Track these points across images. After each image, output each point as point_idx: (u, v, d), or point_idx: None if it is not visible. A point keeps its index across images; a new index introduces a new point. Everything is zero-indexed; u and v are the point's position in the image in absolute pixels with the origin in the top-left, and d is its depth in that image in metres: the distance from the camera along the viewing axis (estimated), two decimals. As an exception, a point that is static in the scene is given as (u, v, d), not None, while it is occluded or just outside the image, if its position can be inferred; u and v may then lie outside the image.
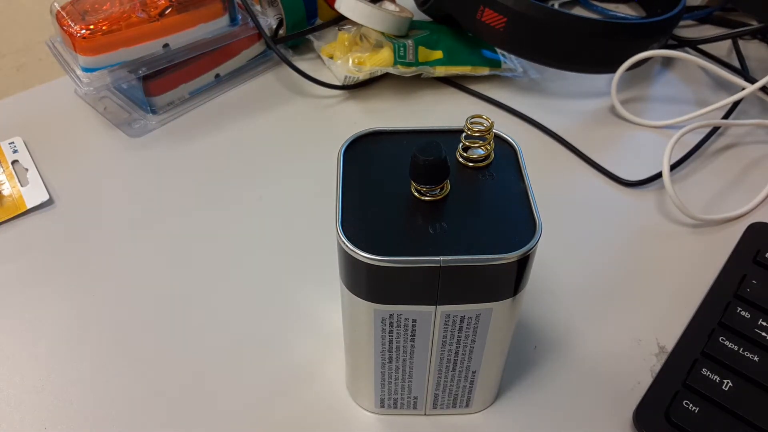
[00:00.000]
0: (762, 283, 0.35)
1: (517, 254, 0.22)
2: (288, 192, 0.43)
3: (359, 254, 0.22)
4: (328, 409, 0.31)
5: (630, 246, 0.39)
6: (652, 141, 0.47)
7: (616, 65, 0.49)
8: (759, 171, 0.45)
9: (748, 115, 0.50)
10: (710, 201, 0.42)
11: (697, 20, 0.62)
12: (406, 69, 0.49)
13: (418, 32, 0.52)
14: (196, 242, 0.39)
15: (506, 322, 0.26)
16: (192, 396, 0.31)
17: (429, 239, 0.23)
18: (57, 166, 0.45)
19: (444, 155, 0.23)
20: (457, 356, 0.27)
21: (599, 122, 0.49)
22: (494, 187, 0.25)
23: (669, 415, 0.29)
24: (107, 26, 0.42)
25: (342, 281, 0.25)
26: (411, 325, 0.25)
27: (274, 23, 0.53)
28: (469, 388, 0.29)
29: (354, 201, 0.25)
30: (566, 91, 0.52)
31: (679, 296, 0.36)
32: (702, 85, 0.53)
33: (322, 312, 0.35)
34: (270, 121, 0.48)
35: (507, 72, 0.53)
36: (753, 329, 0.32)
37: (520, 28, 0.47)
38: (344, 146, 0.27)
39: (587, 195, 0.43)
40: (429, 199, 0.24)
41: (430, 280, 0.23)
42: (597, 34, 0.47)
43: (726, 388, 0.30)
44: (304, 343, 0.34)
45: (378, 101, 0.51)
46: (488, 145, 0.26)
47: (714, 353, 0.31)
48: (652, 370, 0.32)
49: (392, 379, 0.28)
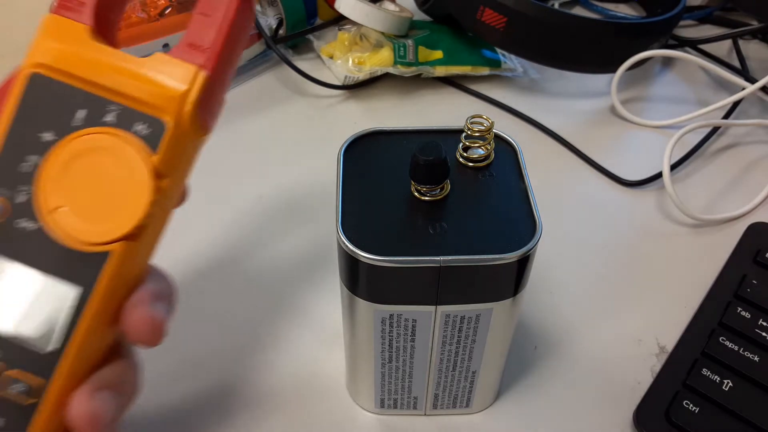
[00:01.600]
0: (762, 283, 0.35)
1: (517, 254, 0.22)
2: (288, 191, 0.43)
3: (359, 254, 0.22)
4: (328, 409, 0.31)
5: (630, 246, 0.39)
6: (652, 141, 0.47)
7: (616, 65, 0.49)
8: (759, 171, 0.45)
9: (748, 115, 0.50)
10: (710, 201, 0.42)
11: (697, 20, 0.62)
12: (406, 69, 0.49)
13: (418, 32, 0.52)
14: (196, 241, 0.39)
15: (506, 322, 0.26)
16: (191, 396, 0.31)
17: (429, 239, 0.23)
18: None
19: (444, 155, 0.23)
20: (457, 356, 0.27)
21: (599, 122, 0.49)
22: (494, 187, 0.25)
23: (669, 415, 0.29)
24: (107, 26, 0.42)
25: (342, 281, 0.25)
26: (411, 325, 0.25)
27: (274, 23, 0.53)
28: (469, 388, 0.29)
29: (354, 201, 0.25)
30: (566, 91, 0.52)
31: (679, 296, 0.36)
32: (702, 85, 0.53)
33: (322, 312, 0.35)
34: (270, 120, 0.48)
35: (507, 72, 0.53)
36: (753, 329, 0.32)
37: (520, 28, 0.47)
38: (344, 146, 0.27)
39: (587, 195, 0.43)
40: (429, 199, 0.24)
41: (430, 280, 0.23)
42: (597, 34, 0.47)
43: (726, 388, 0.30)
44: (304, 343, 0.34)
45: (378, 101, 0.51)
46: (488, 145, 0.26)
47: (714, 353, 0.31)
48: (652, 370, 0.32)
49: (392, 379, 0.28)
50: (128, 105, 0.22)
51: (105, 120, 0.22)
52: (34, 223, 0.22)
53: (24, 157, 0.22)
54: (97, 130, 0.22)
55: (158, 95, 0.22)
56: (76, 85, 0.22)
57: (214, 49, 0.22)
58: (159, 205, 0.22)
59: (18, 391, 0.21)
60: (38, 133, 0.22)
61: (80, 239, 0.22)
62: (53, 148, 0.22)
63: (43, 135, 0.22)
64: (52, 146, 0.22)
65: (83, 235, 0.22)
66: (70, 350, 0.22)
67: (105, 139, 0.22)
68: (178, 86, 0.22)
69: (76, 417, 0.21)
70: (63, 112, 0.22)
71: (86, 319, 0.22)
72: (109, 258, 0.22)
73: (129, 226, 0.22)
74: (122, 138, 0.22)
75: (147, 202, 0.22)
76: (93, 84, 0.22)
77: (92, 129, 0.22)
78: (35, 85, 0.22)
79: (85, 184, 0.22)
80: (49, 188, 0.22)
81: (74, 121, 0.22)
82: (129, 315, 0.22)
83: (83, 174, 0.22)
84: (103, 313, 0.22)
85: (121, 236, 0.22)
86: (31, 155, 0.22)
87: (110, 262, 0.22)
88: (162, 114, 0.22)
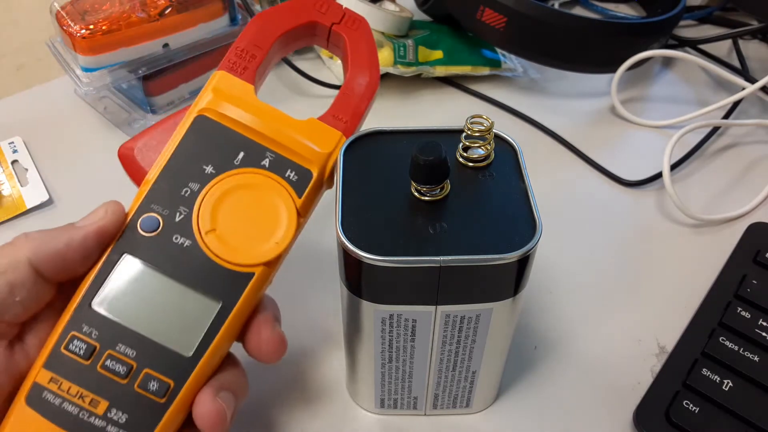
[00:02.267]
0: (762, 283, 0.35)
1: (517, 254, 0.22)
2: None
3: (359, 254, 0.22)
4: (328, 409, 0.31)
5: (630, 246, 0.39)
6: (652, 141, 0.47)
7: (616, 65, 0.49)
8: (759, 171, 0.45)
9: (748, 115, 0.50)
10: (710, 201, 0.42)
11: (697, 20, 0.62)
12: (406, 69, 0.49)
13: (418, 32, 0.52)
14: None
15: (506, 322, 0.26)
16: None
17: (429, 239, 0.23)
18: (57, 166, 0.44)
19: (444, 155, 0.23)
20: (457, 356, 0.27)
21: (599, 122, 0.49)
22: (494, 187, 0.25)
23: (669, 415, 0.29)
24: (107, 26, 0.42)
25: (342, 281, 0.25)
26: (411, 325, 0.25)
27: (274, 23, 0.53)
28: (469, 388, 0.29)
29: (354, 201, 0.25)
30: (566, 91, 0.52)
31: (679, 296, 0.36)
32: (702, 85, 0.53)
33: (322, 312, 0.35)
34: (270, 121, 0.48)
35: (507, 72, 0.53)
36: (753, 329, 0.32)
37: (520, 28, 0.47)
38: (344, 146, 0.27)
39: (587, 195, 0.43)
40: (429, 199, 0.24)
41: (430, 280, 0.23)
42: (597, 34, 0.47)
43: (726, 388, 0.30)
44: (304, 343, 0.34)
45: (378, 101, 0.50)
46: (488, 145, 0.26)
47: (714, 353, 0.31)
48: (652, 370, 0.32)
49: (392, 379, 0.28)
50: (282, 154, 0.27)
51: (262, 163, 0.26)
52: (189, 240, 0.25)
53: (187, 183, 0.26)
54: (254, 171, 0.26)
55: (309, 150, 0.27)
56: (239, 130, 0.27)
57: (353, 123, 0.28)
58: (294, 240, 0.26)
59: (155, 389, 0.24)
60: (202, 165, 0.26)
61: (230, 260, 0.25)
62: (214, 180, 0.26)
63: (205, 168, 0.26)
64: (212, 178, 0.26)
65: (233, 257, 0.25)
66: (205, 357, 0.24)
67: (261, 179, 0.26)
68: (326, 146, 0.27)
69: (206, 414, 0.24)
70: (225, 151, 0.26)
71: (224, 331, 0.24)
72: (253, 279, 0.25)
73: (275, 252, 0.25)
74: (275, 180, 0.26)
75: (292, 235, 0.26)
76: (253, 131, 0.27)
77: (250, 169, 0.26)
78: (201, 125, 0.27)
79: (238, 213, 0.26)
80: (208, 213, 0.25)
81: (235, 159, 0.26)
82: (258, 333, 0.25)
83: (237, 205, 0.26)
84: (236, 326, 0.25)
85: (266, 261, 0.25)
86: (193, 183, 0.26)
87: (253, 283, 0.25)
88: (310, 165, 0.27)
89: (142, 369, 0.24)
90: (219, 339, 0.24)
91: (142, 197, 0.26)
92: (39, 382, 0.23)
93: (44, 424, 0.23)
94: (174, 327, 0.24)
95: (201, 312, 0.25)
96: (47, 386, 0.23)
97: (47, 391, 0.23)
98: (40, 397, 0.23)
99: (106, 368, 0.23)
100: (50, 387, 0.23)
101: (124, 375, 0.23)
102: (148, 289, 0.25)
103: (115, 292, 0.24)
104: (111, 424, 0.23)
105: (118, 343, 0.24)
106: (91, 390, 0.23)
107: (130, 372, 0.24)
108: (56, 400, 0.23)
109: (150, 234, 0.25)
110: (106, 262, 0.25)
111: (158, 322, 0.24)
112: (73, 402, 0.23)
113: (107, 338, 0.24)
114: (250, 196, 0.26)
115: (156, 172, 0.26)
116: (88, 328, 0.24)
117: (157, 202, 0.25)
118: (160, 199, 0.25)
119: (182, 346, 0.24)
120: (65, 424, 0.23)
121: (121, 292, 0.24)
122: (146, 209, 0.25)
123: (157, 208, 0.25)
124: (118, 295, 0.24)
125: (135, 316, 0.24)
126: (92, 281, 0.24)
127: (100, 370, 0.23)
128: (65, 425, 0.23)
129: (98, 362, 0.24)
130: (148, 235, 0.25)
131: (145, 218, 0.25)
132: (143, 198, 0.25)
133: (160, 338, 0.24)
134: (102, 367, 0.23)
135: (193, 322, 0.24)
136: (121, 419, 0.23)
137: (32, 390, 0.23)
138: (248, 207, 0.26)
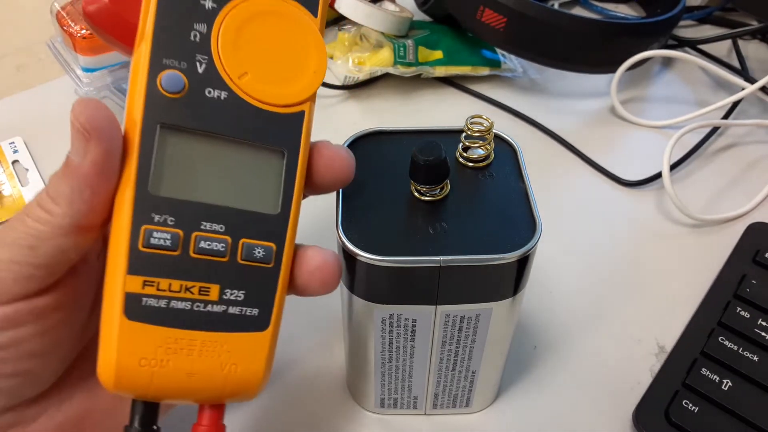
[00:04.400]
0: (762, 283, 0.35)
1: (517, 254, 0.22)
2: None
3: (359, 254, 0.22)
4: (328, 409, 0.31)
5: (630, 246, 0.39)
6: (652, 141, 0.47)
7: (616, 65, 0.49)
8: (759, 171, 0.45)
9: (748, 115, 0.50)
10: (710, 201, 0.42)
11: (697, 20, 0.62)
12: (406, 69, 0.49)
13: (418, 32, 0.52)
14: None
15: (506, 322, 0.26)
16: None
17: (429, 239, 0.23)
18: (57, 166, 0.44)
19: (444, 155, 0.23)
20: (457, 356, 0.27)
21: (599, 122, 0.49)
22: (494, 187, 0.25)
23: (669, 415, 0.29)
24: (107, 26, 0.42)
25: (342, 281, 0.25)
26: (411, 325, 0.25)
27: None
28: (469, 388, 0.29)
29: (354, 201, 0.25)
30: (566, 91, 0.52)
31: (679, 296, 0.36)
32: (702, 85, 0.53)
33: (322, 312, 0.35)
34: (270, 121, 0.48)
35: (507, 72, 0.53)
36: (752, 329, 0.32)
37: (520, 28, 0.47)
38: (344, 146, 0.27)
39: (587, 195, 0.43)
40: (429, 199, 0.24)
41: (430, 280, 0.23)
42: (597, 34, 0.47)
43: (725, 388, 0.30)
44: (304, 342, 0.34)
45: (378, 101, 0.51)
46: (488, 145, 0.26)
47: (713, 353, 0.31)
48: (651, 370, 0.32)
49: (392, 379, 0.28)
50: None
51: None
52: (224, 91, 0.21)
53: (191, 24, 0.21)
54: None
55: None
56: None
57: None
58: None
59: (261, 256, 0.22)
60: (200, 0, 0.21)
61: (276, 102, 0.22)
62: (221, 14, 0.22)
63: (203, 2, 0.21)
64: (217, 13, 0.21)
65: (278, 98, 0.22)
66: (293, 210, 0.22)
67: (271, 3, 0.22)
68: None
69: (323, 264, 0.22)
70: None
71: (299, 179, 0.22)
72: (305, 117, 0.22)
73: (317, 83, 0.22)
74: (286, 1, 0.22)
75: (325, 60, 0.23)
76: None
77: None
78: None
79: (262, 48, 0.22)
80: (231, 55, 0.21)
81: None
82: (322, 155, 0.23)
83: (257, 38, 0.22)
84: (304, 173, 0.23)
85: (311, 94, 0.22)
86: (198, 23, 0.21)
87: (306, 121, 0.22)
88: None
89: (239, 240, 0.21)
90: (297, 189, 0.22)
91: (148, 54, 0.21)
92: (132, 291, 0.20)
93: (159, 332, 0.20)
94: (250, 188, 0.22)
95: (269, 166, 0.22)
96: (143, 292, 0.20)
97: (146, 297, 0.20)
98: (141, 305, 0.20)
99: (201, 251, 0.21)
100: (147, 291, 0.20)
101: (223, 253, 0.21)
102: (204, 156, 0.21)
103: (169, 170, 0.21)
104: (231, 305, 0.21)
105: (201, 222, 0.21)
106: (195, 279, 0.21)
107: (227, 247, 0.21)
108: (161, 302, 0.20)
109: (177, 95, 0.21)
110: (143, 143, 0.21)
111: (231, 188, 0.22)
112: (181, 297, 0.20)
113: (187, 220, 0.21)
114: (266, 25, 0.22)
115: (150, 20, 0.21)
116: (160, 217, 0.20)
117: (168, 55, 0.21)
118: (169, 51, 0.21)
119: (267, 206, 0.22)
120: (183, 323, 0.20)
121: (176, 168, 0.21)
122: (160, 66, 0.21)
123: (172, 63, 0.21)
124: (175, 172, 0.21)
125: (205, 189, 0.21)
126: (137, 169, 0.20)
127: (196, 255, 0.21)
128: (183, 324, 0.20)
129: (189, 248, 0.21)
130: (177, 97, 0.21)
131: (166, 76, 0.21)
132: (150, 54, 0.21)
133: (242, 204, 0.22)
134: (196, 252, 0.21)
135: (265, 178, 0.22)
136: (239, 297, 0.21)
137: (127, 302, 0.20)
138: (269, 38, 0.22)
